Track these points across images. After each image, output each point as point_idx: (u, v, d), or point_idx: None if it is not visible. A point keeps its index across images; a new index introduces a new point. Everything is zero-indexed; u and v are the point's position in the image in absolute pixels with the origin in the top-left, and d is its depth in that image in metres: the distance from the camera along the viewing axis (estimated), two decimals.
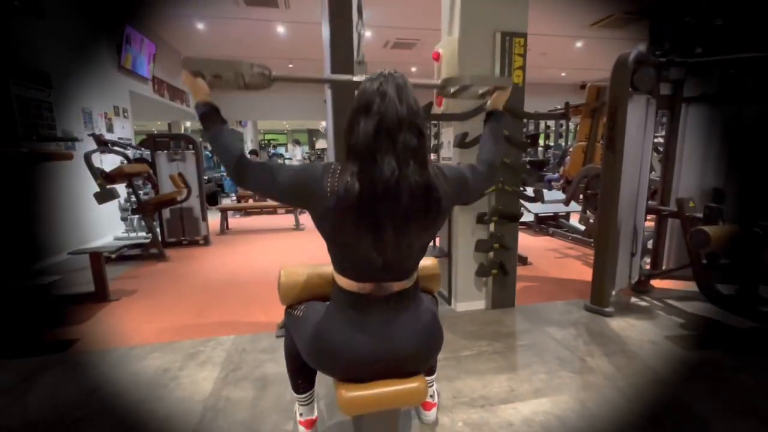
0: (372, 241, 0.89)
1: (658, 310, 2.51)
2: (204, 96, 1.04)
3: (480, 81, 1.38)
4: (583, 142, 4.47)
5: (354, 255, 0.95)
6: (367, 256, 0.92)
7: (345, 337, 0.99)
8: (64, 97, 4.25)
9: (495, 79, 1.31)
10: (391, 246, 0.90)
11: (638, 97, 2.34)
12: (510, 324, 2.33)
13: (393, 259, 0.93)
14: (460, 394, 1.65)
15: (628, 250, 2.57)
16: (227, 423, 1.49)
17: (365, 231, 0.88)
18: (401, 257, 0.95)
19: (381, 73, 0.92)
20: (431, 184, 0.90)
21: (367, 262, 0.93)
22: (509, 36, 2.25)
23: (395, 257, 0.93)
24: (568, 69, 10.83)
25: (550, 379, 1.75)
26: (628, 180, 2.41)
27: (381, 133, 0.85)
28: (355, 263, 0.97)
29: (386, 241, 0.89)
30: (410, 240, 0.92)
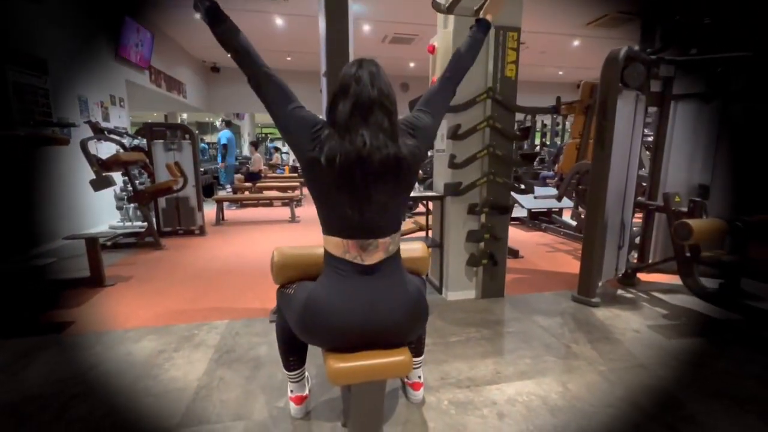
0: (348, 200, 1.01)
1: (643, 301, 2.58)
2: None
3: None
4: (577, 139, 4.53)
5: (336, 213, 1.05)
6: (346, 214, 1.02)
7: (333, 305, 1.05)
8: (60, 85, 4.24)
9: None
10: (365, 203, 1.01)
11: (628, 93, 2.40)
12: (499, 312, 2.39)
13: (370, 216, 1.03)
14: (447, 376, 1.70)
15: (615, 243, 2.63)
16: (220, 400, 1.54)
17: (344, 190, 1.00)
18: (377, 214, 1.04)
19: (357, 60, 1.06)
20: (400, 154, 1.01)
21: (348, 219, 1.03)
22: (503, 30, 2.29)
23: (371, 215, 1.03)
24: (566, 67, 10.89)
25: (534, 363, 1.81)
26: (617, 175, 2.47)
27: (355, 112, 0.99)
28: (338, 220, 1.06)
29: (361, 199, 1.01)
30: (383, 198, 1.03)
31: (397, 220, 1.12)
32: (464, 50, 1.26)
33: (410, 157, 1.03)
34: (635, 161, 2.67)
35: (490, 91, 2.33)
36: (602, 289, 2.74)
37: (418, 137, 1.10)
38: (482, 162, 2.43)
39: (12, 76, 3.56)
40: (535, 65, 10.48)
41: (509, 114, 2.41)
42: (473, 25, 1.32)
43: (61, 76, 4.25)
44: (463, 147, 2.37)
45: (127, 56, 5.74)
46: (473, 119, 2.36)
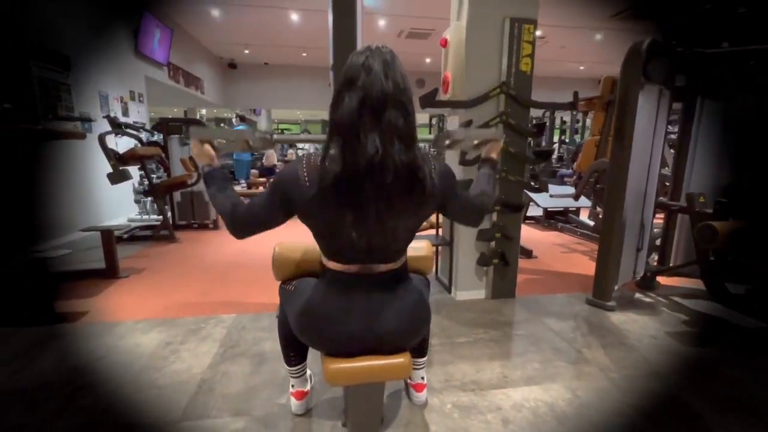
0: (353, 221, 0.88)
1: (662, 306, 2.47)
2: (209, 161, 1.08)
3: (472, 135, 1.36)
4: (597, 136, 4.38)
5: (338, 243, 0.96)
6: (351, 240, 0.92)
7: (331, 315, 1.01)
8: (82, 80, 4.36)
9: (488, 133, 1.33)
10: (373, 226, 0.89)
11: (650, 87, 2.28)
12: (508, 314, 2.33)
13: (377, 241, 0.94)
14: (451, 378, 1.66)
15: (633, 244, 2.53)
16: (222, 394, 1.54)
17: (347, 209, 0.87)
18: (386, 240, 0.94)
19: (368, 47, 0.91)
20: (416, 164, 0.87)
21: (352, 247, 0.94)
22: (518, 22, 2.21)
23: (379, 240, 0.94)
24: (588, 62, 10.57)
25: (543, 368, 1.75)
26: (636, 173, 2.36)
27: (365, 109, 0.83)
28: (341, 250, 0.98)
29: (369, 220, 0.88)
30: (394, 222, 0.91)
31: (403, 248, 1.04)
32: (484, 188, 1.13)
33: (428, 173, 0.88)
34: (657, 160, 2.55)
35: (503, 86, 2.26)
36: (619, 292, 2.64)
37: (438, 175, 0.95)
38: None
39: (36, 71, 3.67)
40: (554, 60, 10.22)
41: (523, 110, 2.33)
42: (480, 165, 1.23)
43: (82, 71, 4.36)
44: None
45: (147, 52, 5.86)
46: (485, 115, 2.29)
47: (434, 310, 2.35)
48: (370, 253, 0.97)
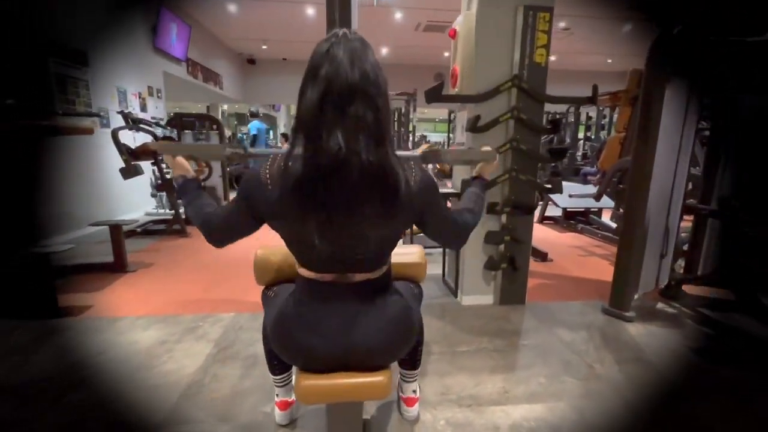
0: (316, 227, 0.80)
1: (687, 318, 2.28)
2: (184, 172, 1.06)
3: (462, 155, 1.26)
4: (622, 133, 4.13)
5: (306, 246, 0.87)
6: (317, 246, 0.83)
7: (303, 327, 0.94)
8: (100, 76, 4.44)
9: (480, 153, 1.18)
10: (337, 233, 0.81)
11: (678, 81, 2.09)
12: (516, 321, 2.20)
13: (344, 250, 0.86)
14: (448, 390, 1.57)
15: (657, 250, 2.34)
16: (209, 398, 1.50)
17: (311, 215, 0.79)
18: (354, 247, 0.86)
19: (334, 33, 0.81)
20: (387, 165, 0.77)
21: (318, 251, 0.85)
22: (533, 10, 2.06)
23: (346, 248, 0.86)
24: (616, 55, 10.07)
25: (549, 384, 1.62)
26: (661, 174, 2.18)
27: (327, 103, 0.74)
28: (309, 255, 0.90)
29: (333, 227, 0.80)
30: (362, 228, 0.82)
31: (383, 256, 0.94)
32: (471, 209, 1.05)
33: (401, 176, 0.79)
34: (685, 159, 2.34)
35: (515, 79, 2.12)
36: (639, 301, 2.46)
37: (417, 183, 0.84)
38: (504, 157, 2.23)
39: (54, 67, 3.75)
40: (580, 53, 9.79)
41: (537, 105, 2.18)
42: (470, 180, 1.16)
43: (100, 67, 4.44)
44: (483, 140, 2.17)
45: (165, 48, 5.94)
46: (496, 110, 2.16)
47: (438, 314, 2.26)
48: (339, 262, 0.89)
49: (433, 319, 2.21)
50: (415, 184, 0.84)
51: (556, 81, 10.67)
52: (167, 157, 1.09)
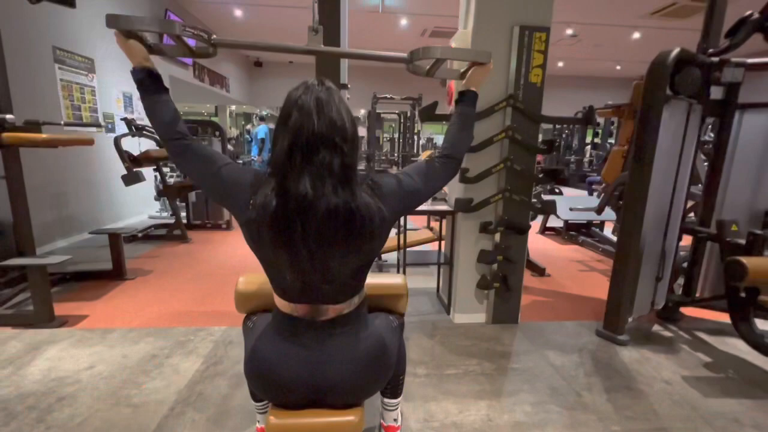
0: (287, 261, 0.84)
1: (683, 343, 2.24)
2: (141, 60, 0.94)
3: (453, 54, 1.17)
4: (624, 146, 4.07)
5: (278, 275, 0.91)
6: (288, 277, 0.87)
7: (274, 360, 0.94)
8: (106, 82, 4.51)
9: (472, 52, 1.10)
10: (307, 268, 0.85)
11: (677, 102, 2.05)
12: (508, 342, 2.18)
13: (314, 281, 0.88)
14: (431, 417, 1.56)
15: (652, 273, 2.30)
16: (192, 420, 1.51)
17: (281, 250, 0.83)
18: (325, 282, 0.88)
19: (304, 83, 0.85)
20: (352, 206, 0.81)
21: (291, 283, 0.89)
22: (529, 30, 2.04)
23: (317, 282, 0.88)
24: (625, 62, 9.96)
25: (534, 412, 1.61)
26: (659, 195, 2.15)
27: (296, 151, 0.79)
28: (282, 283, 0.92)
29: (301, 264, 0.84)
30: (329, 263, 0.85)
31: (353, 286, 0.96)
32: (457, 131, 1.05)
33: (366, 212, 0.83)
34: (684, 180, 2.30)
35: (510, 99, 2.10)
36: (636, 323, 2.43)
37: (382, 199, 0.89)
38: (498, 177, 2.21)
39: (60, 74, 3.82)
40: (589, 59, 9.69)
41: (532, 124, 2.16)
42: (458, 98, 1.09)
43: (106, 73, 4.51)
44: (477, 160, 2.16)
45: None
46: (490, 130, 2.14)
47: (428, 333, 2.25)
48: (311, 292, 0.91)
49: (423, 337, 2.20)
50: (383, 201, 0.88)
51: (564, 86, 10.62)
52: (118, 37, 0.94)
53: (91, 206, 4.27)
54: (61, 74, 3.83)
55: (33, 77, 3.49)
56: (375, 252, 0.94)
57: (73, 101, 3.98)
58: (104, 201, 4.48)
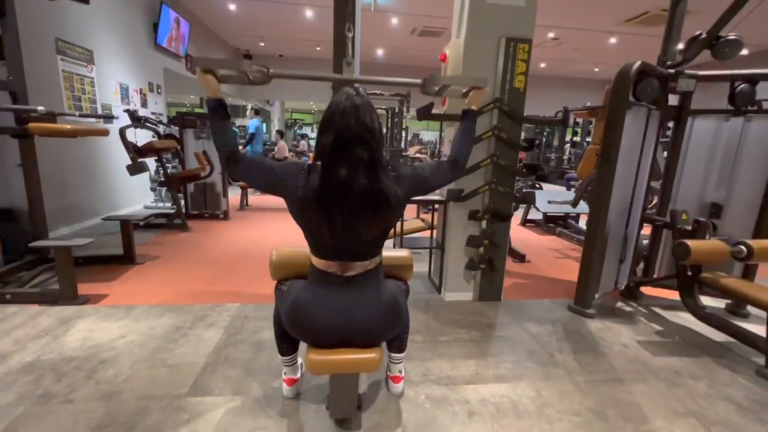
0: (327, 227, 1.13)
1: (641, 316, 2.60)
2: (216, 91, 1.23)
3: (457, 81, 1.58)
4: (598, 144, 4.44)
5: (318, 239, 1.19)
6: (326, 239, 1.16)
7: (313, 309, 1.21)
8: (104, 73, 4.58)
9: (472, 79, 1.46)
10: (340, 233, 1.14)
11: (638, 108, 2.38)
12: (492, 316, 2.49)
13: (347, 244, 1.18)
14: (429, 372, 1.84)
15: (616, 256, 2.65)
16: (224, 376, 1.75)
17: (322, 219, 1.12)
18: (354, 243, 1.18)
19: (345, 91, 1.15)
20: (379, 189, 1.11)
21: (327, 245, 1.18)
22: (514, 41, 2.32)
23: (349, 243, 1.18)
24: (603, 64, 10.46)
25: (514, 368, 1.91)
26: (622, 189, 2.48)
27: (336, 147, 1.09)
28: (320, 245, 1.21)
29: (337, 229, 1.13)
30: (358, 230, 1.15)
31: (375, 248, 1.25)
32: (461, 141, 1.38)
33: (387, 192, 1.12)
34: (644, 175, 2.65)
35: (497, 102, 2.38)
36: (602, 300, 2.78)
37: (401, 184, 1.18)
38: (486, 170, 2.50)
39: (62, 65, 3.90)
40: (569, 60, 10.14)
41: (516, 125, 2.45)
42: (462, 115, 1.43)
43: (105, 65, 4.59)
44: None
45: (165, 45, 6.06)
46: (479, 128, 2.42)
47: (422, 309, 2.54)
48: (342, 252, 1.20)
49: (418, 312, 2.48)
50: (400, 184, 1.19)
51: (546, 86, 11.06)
52: (199, 74, 1.19)
53: (91, 195, 4.37)
54: (63, 65, 3.91)
55: (37, 68, 3.57)
56: (392, 223, 1.23)
57: (73, 92, 4.06)
58: (103, 190, 4.58)
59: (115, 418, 1.47)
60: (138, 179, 4.75)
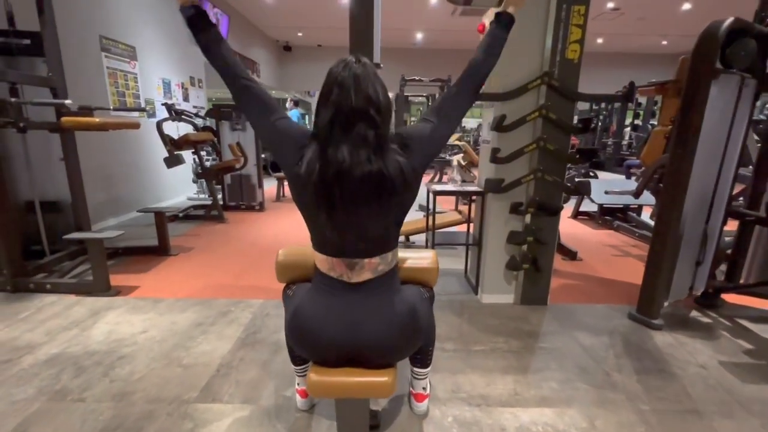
0: (326, 219, 0.94)
1: (723, 329, 2.17)
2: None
3: None
4: (668, 126, 3.86)
5: (319, 229, 1.00)
6: (328, 231, 0.97)
7: (316, 319, 1.03)
8: (147, 69, 4.72)
9: None
10: (344, 225, 0.95)
11: (728, 77, 1.93)
12: (535, 323, 2.19)
13: (352, 237, 0.98)
14: (459, 388, 1.62)
15: (692, 257, 2.22)
16: (236, 380, 1.64)
17: (322, 209, 0.93)
18: (357, 237, 0.98)
19: (343, 60, 0.92)
20: (384, 171, 0.90)
21: (330, 237, 0.98)
22: (567, 3, 1.97)
23: (353, 236, 0.97)
24: (672, 36, 9.27)
25: (561, 389, 1.63)
26: (702, 176, 2.05)
27: (335, 123, 0.89)
28: (321, 239, 1.02)
29: (339, 220, 0.94)
30: (364, 221, 0.95)
31: (385, 243, 1.02)
32: (481, 53, 1.05)
33: (397, 176, 0.91)
34: (732, 161, 2.18)
35: (545, 77, 2.05)
36: (671, 308, 2.37)
37: (412, 151, 0.97)
38: (530, 157, 2.18)
39: (106, 62, 4.04)
40: (631, 34, 9.11)
41: (568, 103, 2.10)
42: (493, 20, 1.09)
43: (147, 60, 4.72)
44: (508, 139, 2.14)
45: None
46: (523, 108, 2.10)
47: (456, 311, 2.30)
48: (348, 246, 0.99)
49: (451, 315, 2.25)
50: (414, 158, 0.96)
51: (602, 65, 10.09)
52: None
53: (136, 187, 4.56)
54: (107, 62, 4.05)
55: (83, 65, 3.72)
56: (405, 207, 1.01)
57: (117, 88, 4.21)
58: (147, 182, 4.76)
59: (122, 421, 1.40)
60: (181, 171, 4.90)
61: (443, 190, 2.47)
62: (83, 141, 2.81)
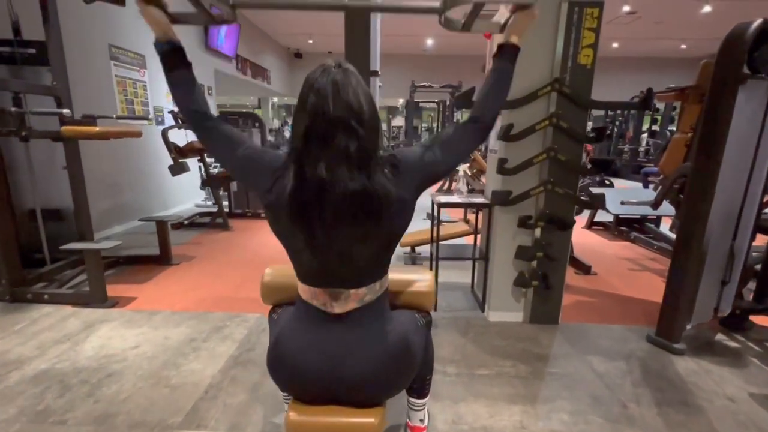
0: (305, 245, 0.84)
1: (753, 355, 1.99)
2: (165, 29, 0.90)
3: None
4: (688, 133, 3.67)
5: (299, 258, 0.91)
6: (308, 259, 0.87)
7: (295, 352, 0.94)
8: (155, 77, 4.76)
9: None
10: (325, 250, 0.85)
11: (755, 82, 1.78)
12: (546, 344, 2.06)
13: (335, 266, 0.88)
14: (460, 419, 1.50)
15: (718, 276, 2.06)
16: (224, 404, 1.56)
17: (300, 233, 0.83)
18: (344, 265, 0.87)
19: (322, 65, 0.82)
20: (368, 189, 0.79)
21: (311, 266, 0.89)
22: (579, 6, 1.85)
23: (335, 263, 0.87)
24: (690, 39, 9.00)
25: (573, 422, 1.49)
26: (728, 189, 1.90)
27: (312, 136, 0.79)
28: (303, 267, 0.92)
29: (318, 246, 0.84)
30: (347, 246, 0.85)
31: (374, 271, 0.92)
32: (490, 89, 0.95)
33: (383, 195, 0.81)
34: (762, 173, 2.02)
35: (556, 83, 1.93)
36: (695, 330, 2.20)
37: (402, 176, 0.86)
38: (540, 168, 2.06)
39: (115, 70, 4.07)
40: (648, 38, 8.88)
41: (580, 111, 1.98)
42: (496, 53, 0.96)
43: (156, 69, 4.75)
44: (516, 150, 2.03)
45: (215, 47, 6.22)
46: (532, 117, 1.99)
47: (461, 330, 2.17)
48: (330, 276, 0.89)
49: (455, 334, 2.13)
50: (405, 185, 0.86)
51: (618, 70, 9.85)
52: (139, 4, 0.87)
53: (143, 195, 4.57)
54: (116, 70, 4.08)
55: (92, 74, 3.75)
56: (395, 234, 0.90)
57: (126, 95, 4.24)
58: (154, 190, 4.77)
59: None
60: (189, 178, 4.90)
61: (448, 201, 2.36)
62: (90, 148, 2.80)
